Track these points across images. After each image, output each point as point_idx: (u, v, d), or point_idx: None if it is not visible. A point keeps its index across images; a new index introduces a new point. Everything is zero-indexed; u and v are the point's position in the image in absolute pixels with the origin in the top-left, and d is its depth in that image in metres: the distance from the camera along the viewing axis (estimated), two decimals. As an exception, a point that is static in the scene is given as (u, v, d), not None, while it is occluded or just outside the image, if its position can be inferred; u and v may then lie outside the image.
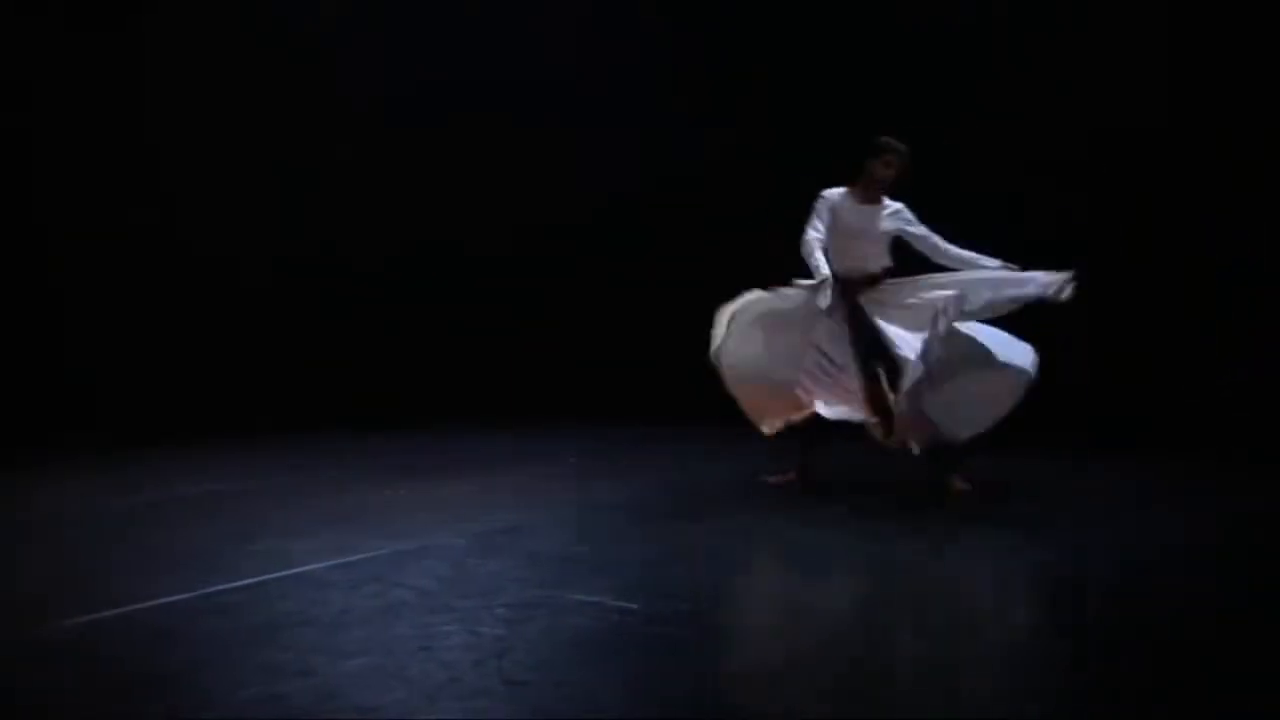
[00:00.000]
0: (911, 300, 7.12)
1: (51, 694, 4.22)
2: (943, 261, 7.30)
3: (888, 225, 7.36)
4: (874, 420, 7.01)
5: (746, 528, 6.65)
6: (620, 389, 10.07)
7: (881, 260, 7.36)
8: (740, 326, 7.26)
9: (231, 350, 10.38)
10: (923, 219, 7.41)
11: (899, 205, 7.40)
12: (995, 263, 7.18)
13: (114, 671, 4.40)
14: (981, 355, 7.05)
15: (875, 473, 7.68)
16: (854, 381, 7.09)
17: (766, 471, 7.63)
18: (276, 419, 9.87)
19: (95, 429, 9.40)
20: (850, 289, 7.25)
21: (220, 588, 5.32)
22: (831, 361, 7.14)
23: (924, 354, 6.73)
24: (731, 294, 7.37)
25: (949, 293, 6.94)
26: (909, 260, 7.45)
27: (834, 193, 7.37)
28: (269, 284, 10.79)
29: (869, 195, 7.37)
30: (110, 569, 5.72)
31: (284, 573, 5.54)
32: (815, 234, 7.22)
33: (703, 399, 7.69)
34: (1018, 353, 7.10)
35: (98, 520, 6.86)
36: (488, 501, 7.21)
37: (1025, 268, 7.12)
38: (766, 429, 7.27)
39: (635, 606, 5.03)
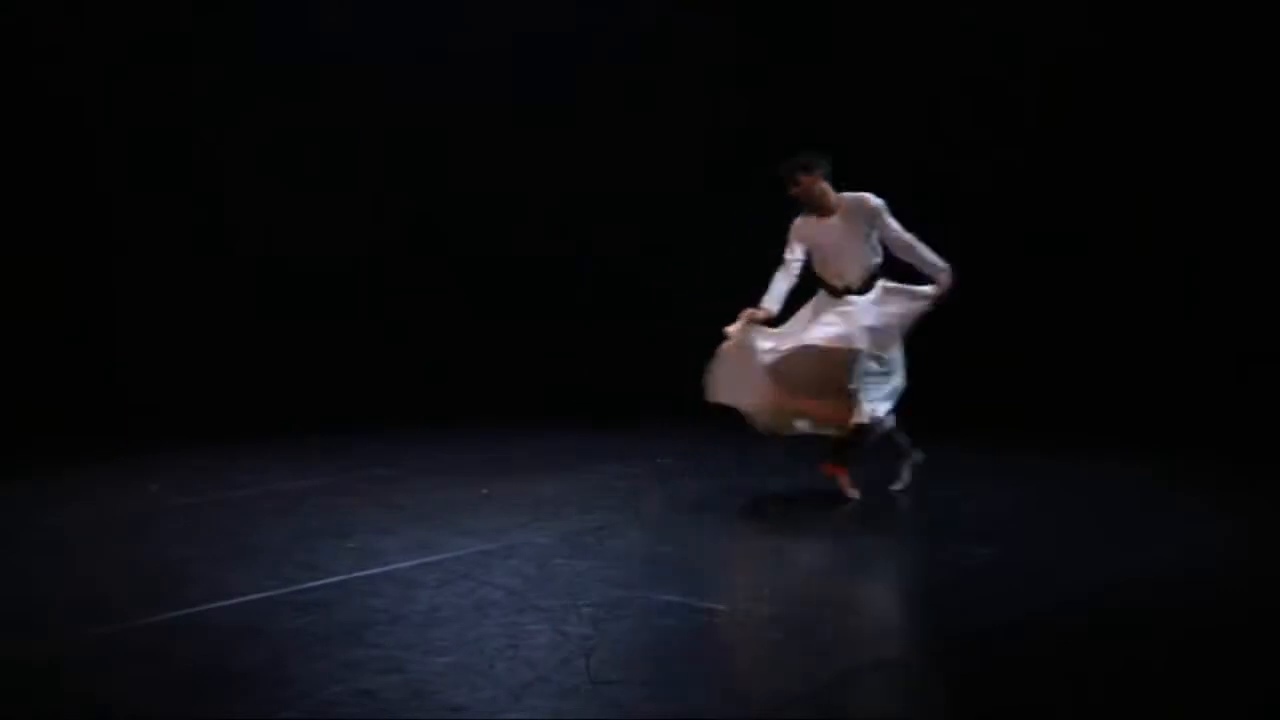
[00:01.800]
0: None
1: (142, 688, 4.29)
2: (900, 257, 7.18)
3: (844, 233, 7.14)
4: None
5: (834, 532, 6.61)
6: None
7: (859, 269, 7.14)
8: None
9: (315, 348, 10.45)
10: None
11: (859, 205, 7.17)
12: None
13: (204, 666, 4.47)
14: None
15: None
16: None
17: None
18: (365, 416, 9.91)
19: (186, 427, 9.51)
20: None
21: (310, 585, 5.37)
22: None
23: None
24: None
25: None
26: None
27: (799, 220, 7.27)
28: (345, 282, 10.86)
29: (813, 211, 7.21)
30: (201, 565, 5.79)
31: (374, 570, 5.59)
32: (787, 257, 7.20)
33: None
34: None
35: (189, 516, 6.94)
36: (575, 501, 7.20)
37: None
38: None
39: (722, 607, 5.03)
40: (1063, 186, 9.82)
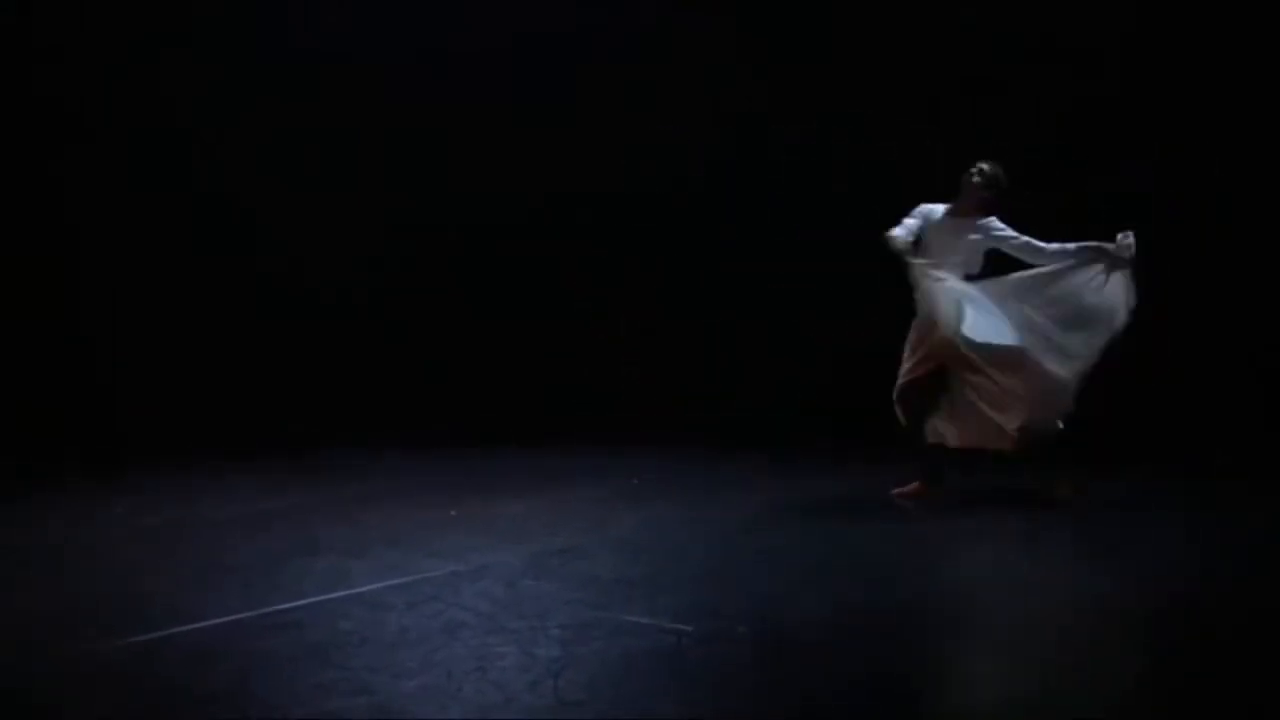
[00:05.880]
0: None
1: (109, 711, 4.31)
2: (1041, 261, 7.38)
3: (974, 239, 7.40)
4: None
5: (801, 547, 6.59)
6: (676, 410, 10.15)
7: (968, 270, 7.39)
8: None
9: (282, 368, 10.44)
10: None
11: (990, 219, 7.42)
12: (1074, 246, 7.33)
13: (171, 689, 4.49)
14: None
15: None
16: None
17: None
18: (329, 438, 9.91)
19: (147, 447, 9.53)
20: None
21: (280, 606, 5.39)
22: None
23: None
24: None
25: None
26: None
27: (933, 206, 7.50)
28: (344, 282, 10.89)
29: (961, 209, 7.47)
30: (169, 587, 5.82)
31: (343, 592, 5.60)
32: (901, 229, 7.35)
33: (756, 420, 7.64)
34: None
35: (157, 538, 6.96)
36: (543, 522, 7.16)
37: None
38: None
39: (689, 629, 5.03)
40: (1061, 187, 9.79)
